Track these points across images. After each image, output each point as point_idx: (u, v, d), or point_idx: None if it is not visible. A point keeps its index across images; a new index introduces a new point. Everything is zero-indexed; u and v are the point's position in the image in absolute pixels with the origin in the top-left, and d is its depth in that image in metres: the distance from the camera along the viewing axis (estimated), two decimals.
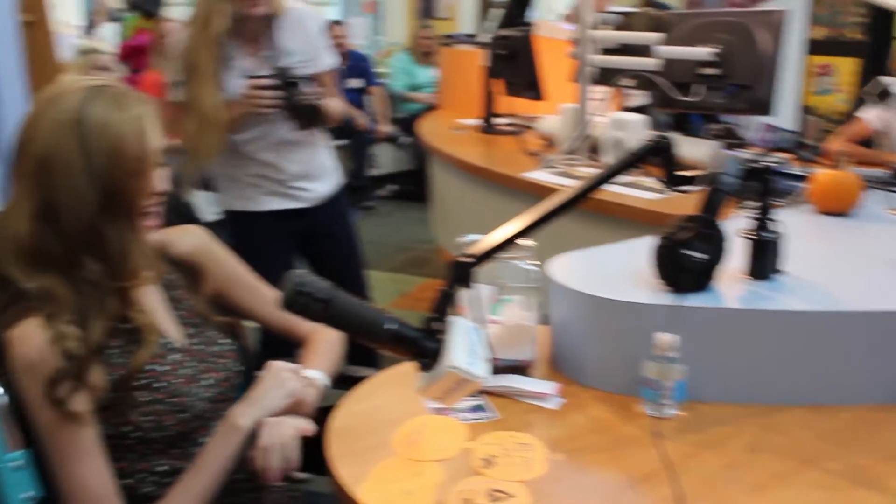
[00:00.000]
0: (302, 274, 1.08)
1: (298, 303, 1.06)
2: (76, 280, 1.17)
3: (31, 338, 1.12)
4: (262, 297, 1.48)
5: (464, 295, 1.36)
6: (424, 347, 1.12)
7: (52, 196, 1.14)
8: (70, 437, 1.14)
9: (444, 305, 1.14)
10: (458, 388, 1.13)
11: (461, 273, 1.15)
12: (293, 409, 1.29)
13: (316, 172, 2.46)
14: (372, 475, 1.13)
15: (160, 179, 1.22)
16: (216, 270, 1.42)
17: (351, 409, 1.31)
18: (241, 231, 2.41)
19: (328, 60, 2.41)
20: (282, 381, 1.28)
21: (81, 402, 1.14)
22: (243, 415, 1.24)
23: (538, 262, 1.40)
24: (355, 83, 6.12)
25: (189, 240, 1.42)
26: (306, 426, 1.28)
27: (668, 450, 1.17)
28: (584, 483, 1.13)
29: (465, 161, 3.25)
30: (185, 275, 1.38)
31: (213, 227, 1.58)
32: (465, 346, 1.13)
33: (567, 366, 1.43)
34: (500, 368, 1.40)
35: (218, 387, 1.32)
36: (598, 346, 1.39)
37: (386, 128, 6.24)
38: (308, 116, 2.28)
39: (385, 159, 6.49)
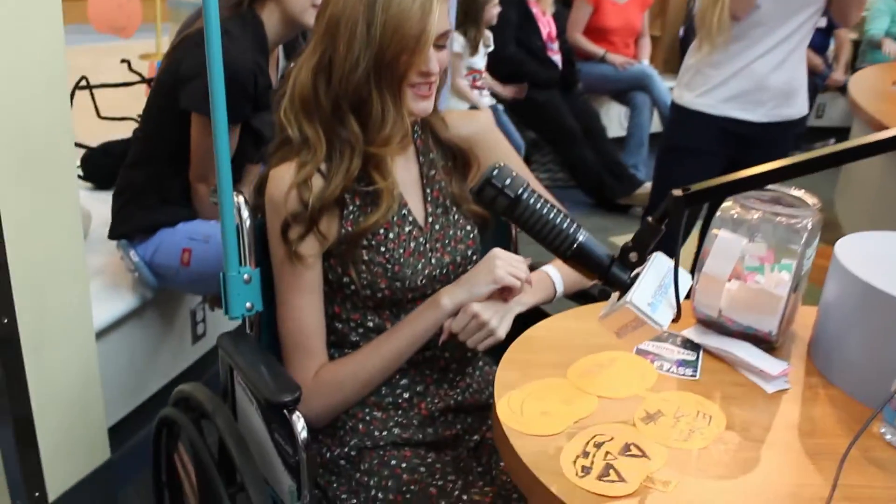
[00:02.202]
0: (501, 167, 1.06)
1: (486, 194, 1.05)
2: (334, 136, 1.27)
3: (282, 180, 1.27)
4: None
5: (712, 238, 1.24)
6: (612, 274, 1.04)
7: (331, 54, 1.24)
8: (293, 273, 1.28)
9: (645, 237, 1.04)
10: (635, 328, 1.03)
11: (674, 208, 1.02)
12: (503, 297, 1.30)
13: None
14: (524, 387, 1.10)
15: (434, 61, 1.25)
16: (491, 157, 1.44)
17: (551, 324, 1.27)
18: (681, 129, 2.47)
19: None
20: (491, 267, 1.28)
21: (309, 247, 1.27)
22: (448, 293, 1.28)
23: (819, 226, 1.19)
24: (821, 22, 5.51)
25: (471, 125, 1.45)
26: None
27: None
28: (730, 483, 0.97)
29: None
30: (453, 157, 1.43)
31: None
32: (654, 286, 1.03)
33: (820, 354, 1.22)
34: (733, 332, 1.24)
35: (442, 268, 1.36)
36: (859, 343, 1.15)
37: (839, 76, 5.58)
38: None
39: (834, 111, 5.84)
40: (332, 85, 1.25)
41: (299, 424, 1.15)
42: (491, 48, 4.13)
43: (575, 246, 1.04)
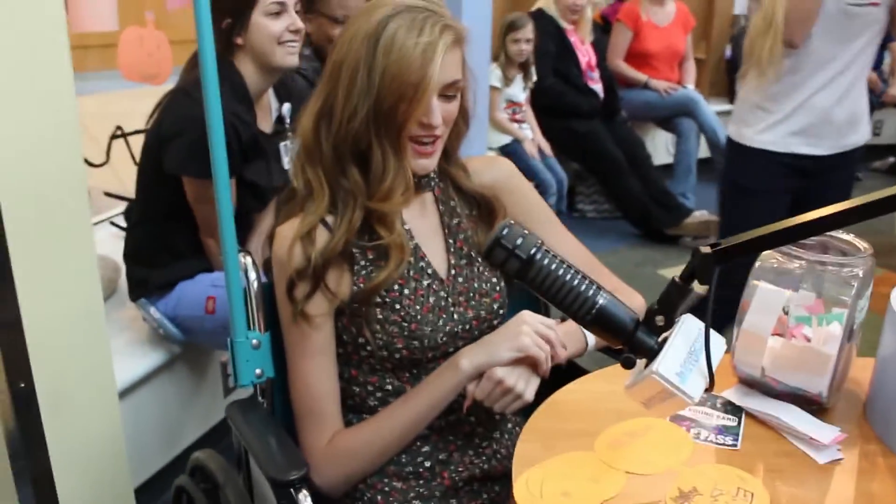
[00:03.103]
0: (511, 225, 0.98)
1: (495, 255, 0.97)
2: (337, 186, 1.21)
3: (286, 236, 1.21)
4: (564, 242, 1.39)
5: (752, 290, 1.13)
6: (637, 340, 0.95)
7: (332, 100, 1.19)
8: (302, 334, 1.21)
9: (672, 299, 0.95)
10: (664, 399, 0.94)
11: (701, 266, 0.93)
12: (526, 364, 1.20)
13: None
14: (546, 463, 1.01)
15: (436, 113, 1.17)
16: (515, 207, 1.36)
17: (580, 386, 1.18)
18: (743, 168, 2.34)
19: None
20: (516, 333, 1.19)
21: (316, 306, 1.20)
22: (467, 355, 1.19)
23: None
24: None
25: (493, 171, 1.38)
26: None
27: None
28: None
29: None
30: (477, 206, 1.35)
31: None
32: (683, 353, 0.93)
33: (877, 416, 1.10)
34: (779, 393, 1.13)
35: (465, 324, 1.28)
36: None
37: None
38: None
39: (891, 128, 5.63)
40: (332, 132, 1.19)
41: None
42: (532, 81, 4.07)
43: (595, 310, 0.95)
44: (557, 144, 4.24)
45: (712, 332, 0.95)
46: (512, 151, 4.02)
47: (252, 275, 1.25)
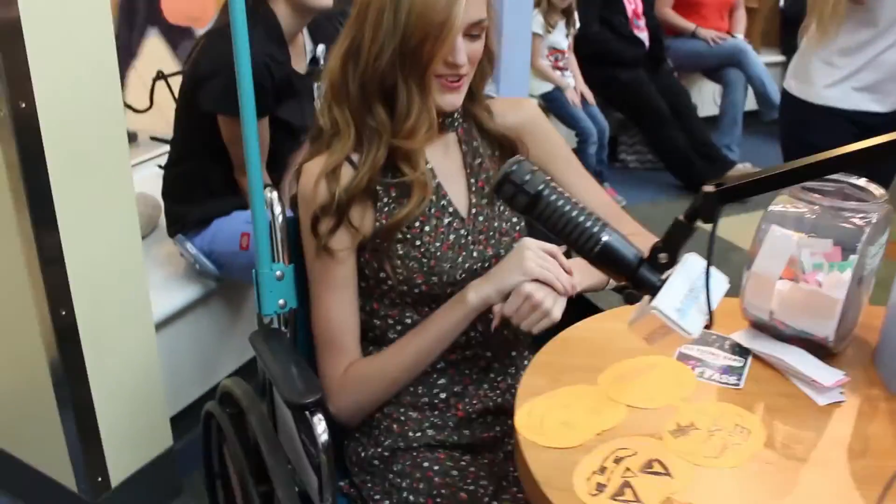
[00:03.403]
0: (520, 161, 1.00)
1: (504, 190, 0.99)
2: (363, 125, 1.24)
3: (312, 173, 1.24)
4: (582, 186, 1.40)
5: (762, 236, 1.14)
6: (640, 276, 0.97)
7: (359, 40, 1.20)
8: (324, 268, 1.25)
9: (676, 237, 0.97)
10: (664, 334, 0.96)
11: (706, 205, 0.94)
12: None
13: None
14: (550, 394, 1.04)
15: (461, 52, 1.19)
16: (537, 148, 1.37)
17: (590, 324, 1.20)
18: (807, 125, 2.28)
19: None
20: (519, 259, 1.20)
21: (340, 241, 1.23)
22: (474, 288, 1.22)
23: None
24: None
25: (518, 114, 1.39)
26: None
27: None
28: None
29: None
30: (500, 146, 1.37)
31: None
32: (684, 290, 0.95)
33: (884, 361, 1.11)
34: (787, 337, 1.14)
35: (485, 262, 1.30)
36: None
37: None
38: None
39: None
40: (359, 71, 1.21)
41: (320, 427, 1.12)
42: (575, 28, 4.02)
43: (600, 245, 0.97)
44: (600, 93, 4.19)
45: (715, 270, 0.97)
46: (554, 99, 3.99)
47: (277, 209, 1.29)
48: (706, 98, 4.95)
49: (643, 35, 4.22)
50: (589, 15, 4.05)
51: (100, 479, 1.81)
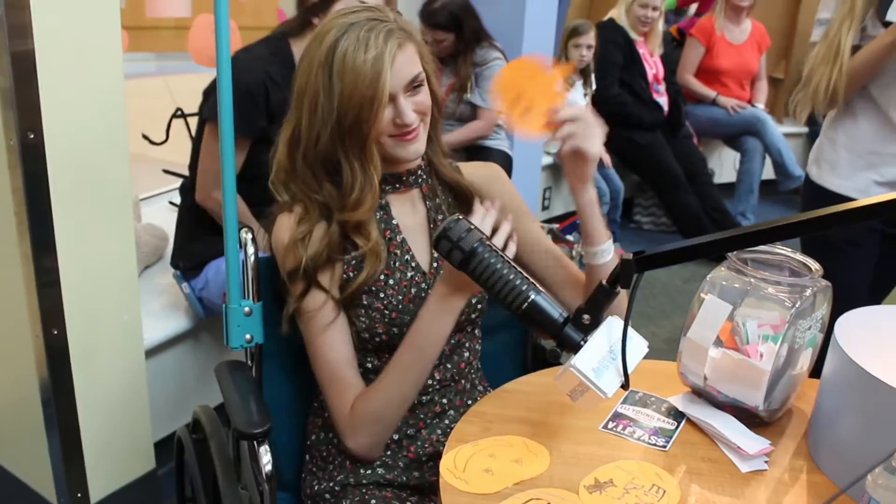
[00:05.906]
0: (458, 220, 1.06)
1: (441, 246, 1.06)
2: (316, 202, 1.30)
3: (284, 230, 1.30)
4: (537, 242, 1.44)
5: (700, 302, 1.18)
6: (564, 335, 1.03)
7: (299, 127, 1.28)
8: (308, 318, 1.30)
9: (598, 299, 1.02)
10: (583, 392, 1.01)
11: (624, 271, 1.00)
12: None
13: None
14: (479, 442, 1.09)
15: (407, 112, 1.24)
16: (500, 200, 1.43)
17: (531, 378, 1.25)
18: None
19: None
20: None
21: (313, 300, 1.28)
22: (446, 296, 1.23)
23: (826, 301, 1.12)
24: None
25: (483, 172, 1.46)
26: None
27: None
28: None
29: None
30: (455, 196, 1.43)
31: None
32: (602, 351, 1.00)
33: (812, 435, 1.14)
34: (720, 403, 1.18)
35: None
36: (850, 428, 1.07)
37: None
38: None
39: None
40: (302, 154, 1.28)
41: (265, 457, 1.18)
42: (592, 88, 4.10)
43: (527, 304, 1.03)
44: (618, 154, 4.26)
45: (636, 334, 1.02)
46: None
47: (250, 249, 1.36)
48: (727, 164, 4.99)
49: (662, 100, 4.29)
50: (609, 77, 4.13)
51: (79, 494, 1.88)
